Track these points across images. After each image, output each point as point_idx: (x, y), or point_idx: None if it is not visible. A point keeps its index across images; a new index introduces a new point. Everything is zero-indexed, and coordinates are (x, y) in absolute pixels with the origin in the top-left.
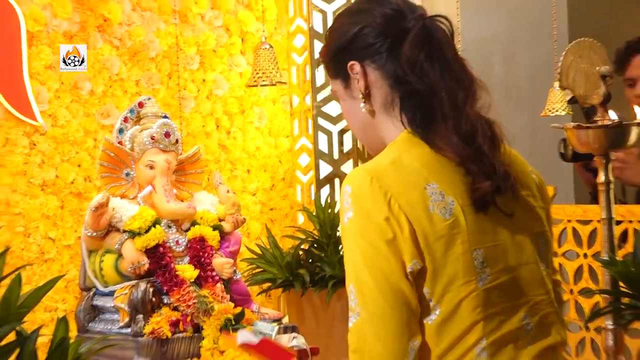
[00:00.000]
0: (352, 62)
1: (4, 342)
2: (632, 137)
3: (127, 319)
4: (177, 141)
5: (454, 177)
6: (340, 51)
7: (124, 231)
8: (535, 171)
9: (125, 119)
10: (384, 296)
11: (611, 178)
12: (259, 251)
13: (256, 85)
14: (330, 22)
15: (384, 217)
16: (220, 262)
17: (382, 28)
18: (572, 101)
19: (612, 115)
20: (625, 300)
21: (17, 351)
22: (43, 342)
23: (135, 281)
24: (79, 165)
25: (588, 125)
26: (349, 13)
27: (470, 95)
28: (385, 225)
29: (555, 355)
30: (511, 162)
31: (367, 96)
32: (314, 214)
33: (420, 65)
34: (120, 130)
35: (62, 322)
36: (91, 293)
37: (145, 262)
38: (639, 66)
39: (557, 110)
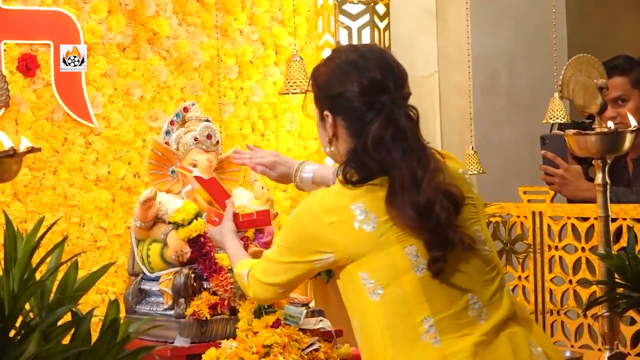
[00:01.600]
0: (326, 112)
1: (61, 322)
2: (626, 144)
3: (170, 302)
4: (217, 142)
5: (380, 201)
6: (321, 97)
7: (169, 222)
8: (466, 171)
9: (172, 122)
10: (289, 261)
11: (607, 180)
12: None
13: (288, 93)
14: (355, 38)
15: (315, 230)
16: (255, 251)
17: (358, 98)
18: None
19: (609, 124)
20: (620, 290)
21: (72, 330)
22: (94, 322)
23: (179, 268)
24: (129, 163)
25: (587, 132)
26: (337, 70)
27: (428, 173)
28: (314, 234)
29: (511, 328)
30: (454, 179)
31: (334, 140)
32: None
33: (385, 144)
34: (167, 132)
35: (114, 304)
36: (139, 278)
37: (187, 250)
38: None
39: (557, 118)
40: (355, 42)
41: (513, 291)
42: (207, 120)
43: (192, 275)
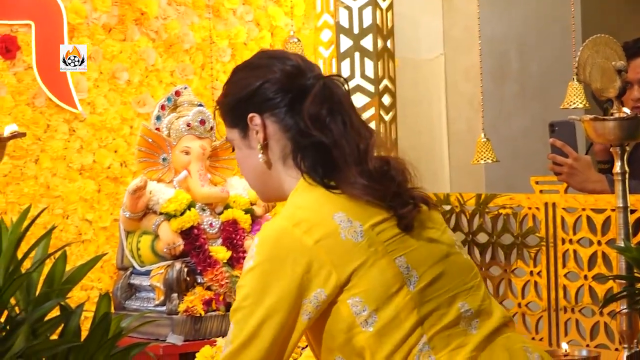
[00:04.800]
0: (252, 114)
1: (48, 317)
2: None
3: (162, 298)
4: (211, 128)
5: (354, 204)
6: (240, 103)
7: (161, 213)
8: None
9: (163, 107)
10: (262, 319)
11: (626, 168)
12: None
13: None
14: (355, 18)
15: (295, 260)
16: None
17: (283, 84)
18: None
19: (626, 110)
20: (639, 285)
21: (61, 326)
22: (80, 321)
23: (171, 261)
24: (115, 151)
25: (605, 117)
26: (250, 67)
27: (371, 145)
28: (291, 269)
29: (505, 334)
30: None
31: (265, 147)
32: None
33: (323, 121)
34: (158, 117)
35: (105, 298)
36: (128, 272)
37: (180, 243)
38: (635, 70)
39: (575, 104)
40: (356, 22)
41: (524, 288)
42: (201, 105)
43: (185, 269)
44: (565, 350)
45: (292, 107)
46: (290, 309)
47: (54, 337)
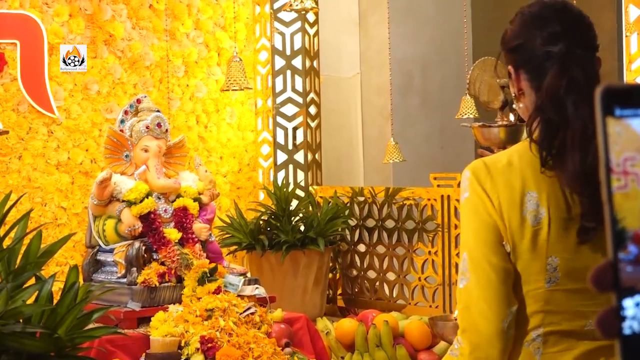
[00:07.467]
0: (509, 66)
1: (25, 285)
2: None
3: (123, 271)
4: (166, 130)
5: (555, 191)
6: (505, 52)
7: (123, 201)
8: None
9: (126, 112)
10: (491, 266)
11: None
12: (228, 220)
13: (228, 90)
14: (288, 42)
15: (491, 204)
16: (198, 227)
17: (536, 49)
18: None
19: (512, 117)
20: None
21: (36, 293)
22: (54, 290)
23: (131, 241)
24: (86, 150)
25: (490, 124)
26: (521, 22)
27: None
28: (492, 209)
29: (609, 354)
30: None
31: (522, 96)
32: (272, 192)
33: (558, 97)
34: (122, 121)
35: (74, 269)
36: (95, 250)
37: (139, 225)
38: None
39: (467, 114)
40: (288, 46)
41: (424, 265)
42: (158, 111)
43: (143, 248)
44: (456, 317)
45: (541, 71)
46: (489, 247)
47: (30, 301)
